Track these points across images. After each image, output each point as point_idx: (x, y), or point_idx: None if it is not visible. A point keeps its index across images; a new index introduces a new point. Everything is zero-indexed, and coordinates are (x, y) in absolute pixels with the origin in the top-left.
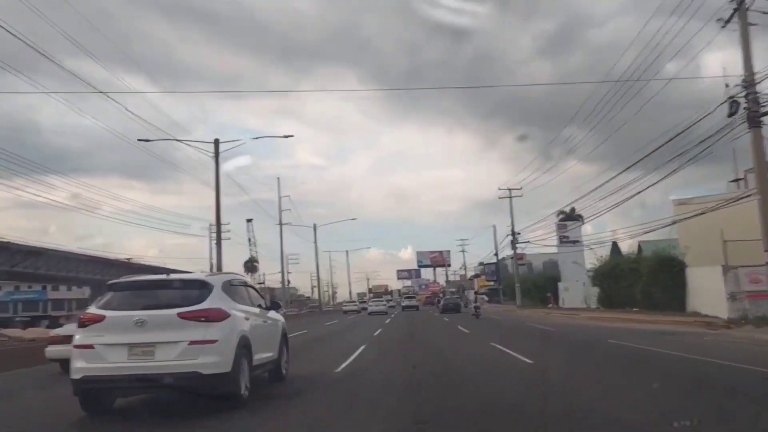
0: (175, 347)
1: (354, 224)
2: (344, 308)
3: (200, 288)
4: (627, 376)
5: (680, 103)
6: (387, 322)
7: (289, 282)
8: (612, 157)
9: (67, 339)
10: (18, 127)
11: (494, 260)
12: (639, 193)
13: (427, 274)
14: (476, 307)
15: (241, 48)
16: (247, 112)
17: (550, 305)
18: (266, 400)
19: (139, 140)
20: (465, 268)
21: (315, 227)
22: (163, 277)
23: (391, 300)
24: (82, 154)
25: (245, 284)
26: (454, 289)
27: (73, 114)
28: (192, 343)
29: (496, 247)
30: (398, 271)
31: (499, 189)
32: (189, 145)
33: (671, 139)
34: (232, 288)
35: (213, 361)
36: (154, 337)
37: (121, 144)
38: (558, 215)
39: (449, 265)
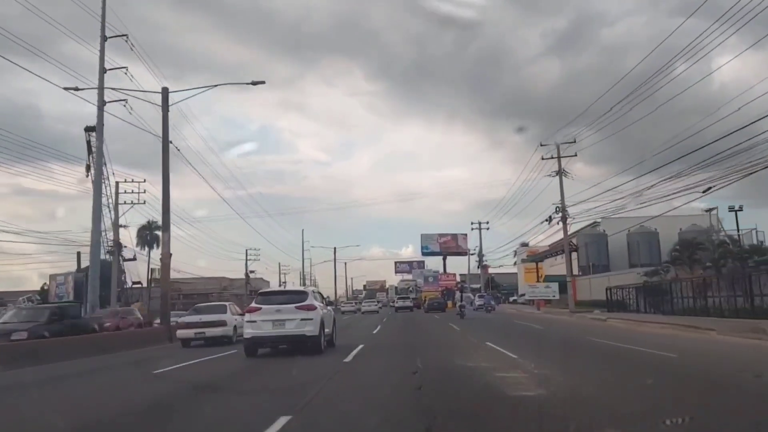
0: (294, 322)
1: (355, 222)
2: (342, 308)
3: (303, 294)
4: None
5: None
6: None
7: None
8: None
9: (186, 325)
10: (17, 112)
11: None
12: None
13: (435, 264)
14: (461, 307)
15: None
16: (251, 104)
17: None
18: (329, 351)
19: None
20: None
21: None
22: (285, 288)
23: (380, 302)
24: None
25: (318, 292)
26: (478, 286)
27: (73, 100)
28: (302, 320)
29: None
30: (396, 263)
31: None
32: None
33: None
34: (314, 293)
35: (311, 329)
36: (284, 317)
37: (122, 133)
38: None
39: (467, 252)
